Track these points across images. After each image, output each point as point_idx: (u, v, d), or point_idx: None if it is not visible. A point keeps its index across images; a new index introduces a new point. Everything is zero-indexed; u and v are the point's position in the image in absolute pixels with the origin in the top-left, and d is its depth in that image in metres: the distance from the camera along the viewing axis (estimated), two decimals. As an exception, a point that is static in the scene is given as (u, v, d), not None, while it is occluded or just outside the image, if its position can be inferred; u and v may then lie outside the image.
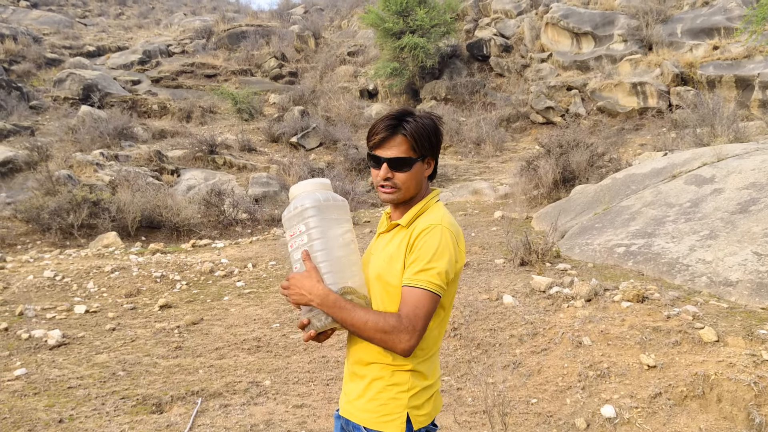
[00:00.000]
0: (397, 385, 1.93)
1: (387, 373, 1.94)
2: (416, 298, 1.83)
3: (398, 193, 1.97)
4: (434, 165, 2.06)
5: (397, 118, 1.96)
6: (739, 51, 17.31)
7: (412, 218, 1.98)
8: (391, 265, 1.93)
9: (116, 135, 17.54)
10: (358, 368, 2.00)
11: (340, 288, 1.87)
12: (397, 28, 21.90)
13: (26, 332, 5.87)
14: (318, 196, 1.94)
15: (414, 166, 1.96)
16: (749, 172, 7.67)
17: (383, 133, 1.95)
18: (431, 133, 1.98)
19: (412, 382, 1.94)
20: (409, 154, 1.94)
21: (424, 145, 1.96)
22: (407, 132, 1.93)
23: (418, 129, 1.95)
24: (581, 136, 12.82)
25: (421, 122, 1.96)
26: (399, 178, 1.95)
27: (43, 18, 30.76)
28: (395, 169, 1.94)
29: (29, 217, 11.26)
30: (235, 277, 8.03)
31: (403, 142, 1.94)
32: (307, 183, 1.99)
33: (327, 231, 1.91)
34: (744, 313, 5.05)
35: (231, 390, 4.67)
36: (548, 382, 4.48)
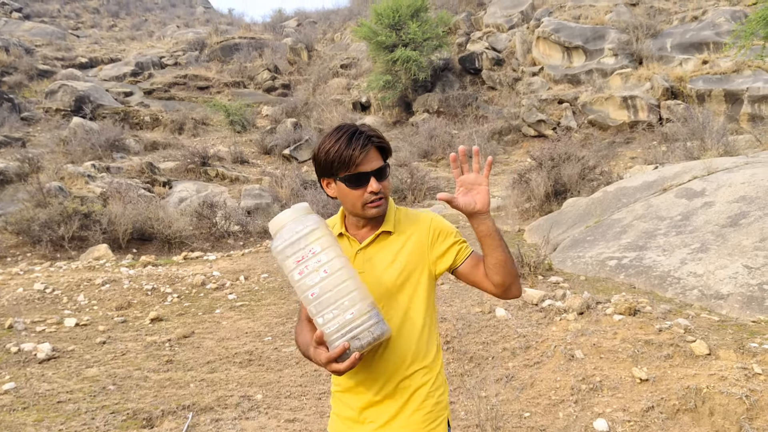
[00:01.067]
0: (438, 388, 2.00)
1: (430, 377, 1.98)
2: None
3: (385, 203, 1.98)
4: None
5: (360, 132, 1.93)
6: (728, 65, 17.51)
7: (395, 222, 2.02)
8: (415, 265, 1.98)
9: (108, 147, 17.49)
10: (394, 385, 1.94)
11: (371, 301, 1.77)
12: (389, 41, 22.03)
13: (15, 346, 5.81)
14: (316, 216, 1.84)
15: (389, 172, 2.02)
16: (739, 186, 7.74)
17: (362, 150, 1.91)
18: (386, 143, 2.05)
19: (441, 380, 2.03)
20: (383, 162, 1.97)
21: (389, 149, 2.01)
22: (375, 143, 1.95)
23: (379, 136, 1.98)
24: (572, 149, 12.89)
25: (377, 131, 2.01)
26: (384, 187, 1.96)
27: (36, 29, 30.75)
28: (380, 178, 1.95)
29: (20, 229, 11.19)
30: (227, 289, 7.99)
31: (375, 150, 1.94)
32: (293, 209, 1.86)
33: (340, 249, 1.82)
34: (735, 326, 5.08)
35: (222, 404, 4.63)
36: (541, 395, 4.47)
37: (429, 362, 1.98)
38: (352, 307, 1.73)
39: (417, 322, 1.97)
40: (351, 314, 1.73)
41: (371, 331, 1.73)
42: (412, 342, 1.96)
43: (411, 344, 1.96)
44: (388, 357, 1.94)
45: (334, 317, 1.74)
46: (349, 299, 1.74)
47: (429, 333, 2.00)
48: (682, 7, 21.94)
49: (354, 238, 2.05)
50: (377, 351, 1.94)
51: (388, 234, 2.01)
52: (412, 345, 1.96)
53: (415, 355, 1.95)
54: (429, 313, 2.00)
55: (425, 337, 1.98)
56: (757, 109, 16.15)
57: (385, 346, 1.94)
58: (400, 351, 1.94)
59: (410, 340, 1.96)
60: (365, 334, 1.73)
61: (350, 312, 1.73)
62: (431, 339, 2.01)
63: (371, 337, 1.73)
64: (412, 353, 1.95)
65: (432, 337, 2.01)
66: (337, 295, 1.74)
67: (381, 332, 1.74)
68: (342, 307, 1.74)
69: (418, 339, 1.97)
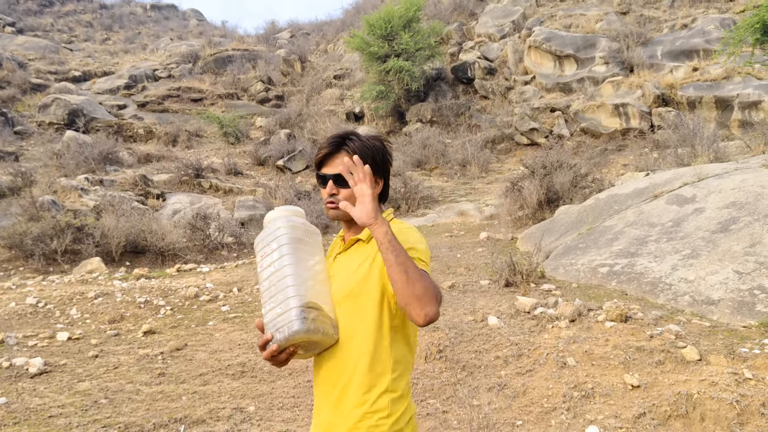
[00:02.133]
0: (378, 412, 1.86)
1: (369, 398, 1.87)
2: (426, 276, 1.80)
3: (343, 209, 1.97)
4: (383, 185, 2.07)
5: (342, 137, 2.00)
6: (718, 72, 17.64)
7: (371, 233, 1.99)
8: (367, 277, 1.91)
9: (101, 160, 17.48)
10: (338, 392, 1.92)
11: (305, 301, 1.83)
12: (382, 51, 22.13)
13: (7, 360, 5.78)
14: (293, 219, 1.96)
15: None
16: (729, 192, 7.78)
17: (327, 149, 1.99)
18: (375, 153, 2.00)
19: (392, 407, 1.88)
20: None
21: (371, 162, 1.96)
22: (349, 149, 1.96)
23: (361, 147, 1.98)
24: (565, 157, 12.96)
25: (365, 142, 2.00)
26: (343, 194, 1.96)
27: (29, 44, 30.77)
28: (339, 184, 1.96)
29: (12, 243, 11.16)
30: (221, 301, 7.98)
31: (345, 154, 1.96)
32: (280, 209, 2.01)
33: (298, 251, 1.91)
34: (726, 332, 5.10)
35: (214, 417, 4.62)
36: (533, 403, 4.48)
37: (373, 381, 1.88)
38: (283, 302, 1.85)
39: (369, 336, 1.90)
40: (280, 308, 1.85)
41: (289, 326, 1.82)
42: (358, 354, 1.89)
43: (356, 356, 1.89)
44: (334, 364, 1.94)
45: (270, 309, 1.88)
46: (282, 294, 1.86)
47: (381, 350, 1.89)
48: (671, 15, 22.12)
49: (343, 242, 2.10)
50: (328, 355, 1.95)
51: (364, 243, 2.00)
52: (357, 357, 1.89)
53: (357, 369, 1.88)
54: (387, 330, 1.91)
55: (376, 353, 1.89)
56: (747, 115, 16.27)
57: (333, 353, 1.94)
58: (345, 361, 1.91)
59: (359, 351, 1.89)
60: (284, 329, 1.83)
61: (280, 306, 1.85)
62: (383, 356, 1.90)
63: (287, 333, 1.82)
64: (356, 366, 1.89)
65: (384, 355, 1.90)
66: (276, 290, 1.88)
67: (296, 330, 1.82)
68: (276, 300, 1.87)
69: (366, 353, 1.88)
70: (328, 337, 1.89)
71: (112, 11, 42.41)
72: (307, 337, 1.83)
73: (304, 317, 1.82)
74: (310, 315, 1.83)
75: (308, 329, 1.82)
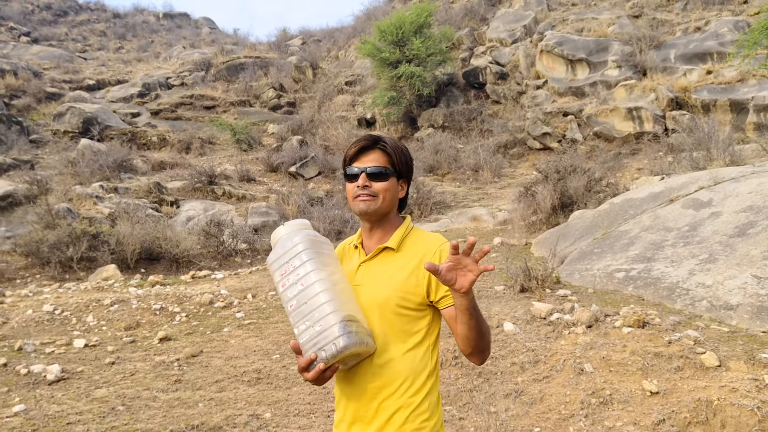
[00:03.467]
0: (421, 414, 1.92)
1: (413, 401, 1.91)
2: None
3: (375, 202, 1.98)
4: (406, 192, 2.11)
5: (375, 137, 2.05)
6: (732, 75, 17.50)
7: (400, 240, 2.01)
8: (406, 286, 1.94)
9: (116, 167, 17.62)
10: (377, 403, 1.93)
11: (344, 315, 1.82)
12: (393, 57, 22.16)
13: (25, 367, 5.83)
14: (306, 232, 1.95)
15: (391, 179, 2.01)
16: (746, 195, 7.71)
17: (363, 143, 2.02)
18: (407, 155, 2.07)
19: (427, 406, 1.93)
20: (387, 166, 2.00)
21: (401, 161, 2.03)
22: (387, 146, 2.02)
23: (397, 147, 2.04)
24: (578, 162, 12.89)
25: (398, 144, 2.06)
26: (377, 187, 1.98)
27: (44, 53, 31.10)
28: (373, 179, 1.98)
29: (29, 251, 11.26)
30: (235, 308, 8.00)
31: (382, 155, 2.01)
32: (289, 224, 2.00)
33: (321, 263, 1.90)
34: (745, 337, 5.04)
35: (231, 423, 4.63)
36: (551, 410, 4.44)
37: (415, 385, 1.92)
38: (321, 320, 1.81)
39: (406, 343, 1.94)
40: (320, 326, 1.81)
41: (335, 343, 1.79)
42: (397, 362, 1.92)
43: (396, 364, 1.92)
44: (372, 373, 1.94)
45: (306, 328, 1.84)
46: (318, 312, 1.82)
47: (420, 356, 1.95)
48: (684, 18, 21.99)
49: (364, 250, 2.09)
50: (362, 366, 1.95)
51: (392, 251, 2.01)
52: (397, 365, 1.92)
53: (398, 376, 1.92)
54: (422, 335, 1.97)
55: (414, 359, 1.94)
56: (762, 118, 16.12)
57: (369, 363, 1.94)
58: (385, 369, 1.93)
59: (396, 359, 1.93)
60: (330, 346, 1.79)
61: (319, 324, 1.81)
62: (422, 362, 1.96)
63: (335, 350, 1.79)
64: (396, 373, 1.92)
65: (423, 361, 1.96)
66: (309, 308, 1.83)
67: (344, 345, 1.79)
68: (312, 319, 1.83)
69: (405, 360, 1.93)
70: (369, 347, 1.89)
71: (125, 20, 42.80)
72: (354, 351, 1.83)
73: (349, 331, 1.81)
74: (353, 328, 1.83)
75: (356, 342, 1.82)
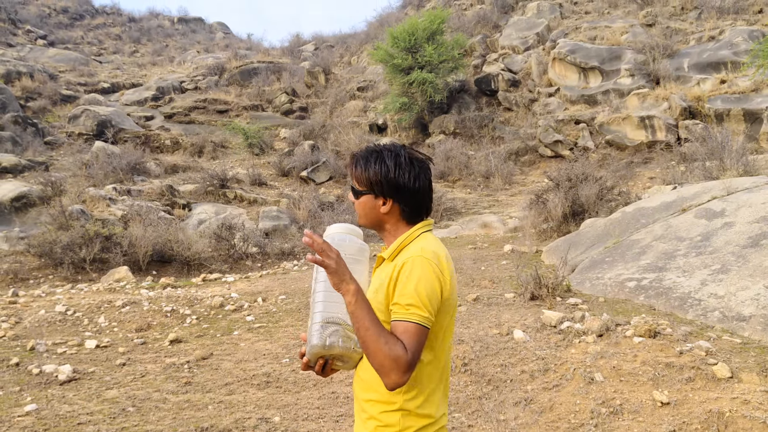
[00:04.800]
0: (389, 427, 1.93)
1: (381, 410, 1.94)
2: (411, 332, 1.83)
3: (359, 217, 2.11)
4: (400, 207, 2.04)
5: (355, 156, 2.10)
6: (746, 85, 17.39)
7: (394, 252, 2.03)
8: (375, 298, 1.97)
9: (129, 170, 17.75)
10: (361, 404, 2.03)
11: (325, 317, 1.94)
12: (405, 64, 22.20)
13: (37, 367, 5.88)
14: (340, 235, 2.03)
15: (362, 197, 2.06)
16: (760, 206, 7.66)
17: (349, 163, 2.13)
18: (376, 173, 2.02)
19: (404, 422, 1.92)
20: (357, 185, 2.08)
21: (362, 181, 2.06)
22: (353, 167, 2.09)
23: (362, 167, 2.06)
24: (590, 170, 12.85)
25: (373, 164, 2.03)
26: (356, 203, 2.09)
27: (60, 56, 31.41)
28: (354, 196, 2.10)
29: (42, 251, 11.36)
30: (245, 311, 8.03)
31: (352, 174, 2.10)
32: (334, 226, 2.09)
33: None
34: (758, 349, 5.00)
35: (240, 426, 4.64)
36: (560, 419, 4.43)
37: (386, 397, 1.93)
38: (311, 320, 2.00)
39: None
40: (309, 323, 2.00)
41: (311, 342, 1.95)
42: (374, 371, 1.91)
43: (374, 373, 1.91)
44: (359, 376, 2.05)
45: (309, 325, 2.01)
46: (313, 311, 1.99)
47: None
48: (698, 27, 21.90)
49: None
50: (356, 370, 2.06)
51: (387, 261, 2.06)
52: (374, 374, 1.91)
53: (376, 385, 1.93)
54: None
55: None
56: (777, 128, 16.00)
57: (361, 366, 2.04)
58: (366, 374, 2.00)
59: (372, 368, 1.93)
60: (310, 345, 1.95)
61: (310, 322, 2.00)
62: None
63: (308, 347, 1.96)
64: (375, 382, 1.93)
65: None
66: (312, 307, 2.01)
67: (313, 344, 1.95)
68: (311, 317, 2.01)
69: None
70: (351, 351, 1.97)
71: (140, 24, 43.15)
72: (325, 351, 1.95)
73: (321, 332, 1.94)
74: (328, 330, 1.93)
75: (323, 344, 1.93)
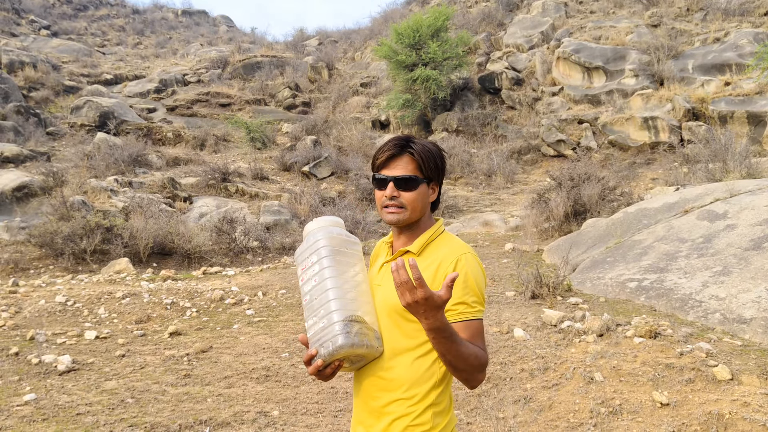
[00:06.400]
0: (422, 425, 1.88)
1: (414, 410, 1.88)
2: (479, 331, 1.85)
3: (404, 213, 1.95)
4: (438, 193, 2.04)
5: (404, 140, 1.98)
6: (750, 87, 17.37)
7: (423, 245, 1.96)
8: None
9: (131, 162, 17.74)
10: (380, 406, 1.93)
11: (347, 315, 1.83)
12: (409, 60, 22.19)
13: (36, 357, 5.88)
14: (332, 230, 1.96)
15: (420, 186, 1.95)
16: (762, 209, 7.64)
17: (391, 151, 1.96)
18: (437, 157, 1.99)
19: (435, 420, 1.89)
20: (416, 173, 1.94)
21: (430, 166, 1.96)
22: (414, 151, 1.95)
23: (425, 150, 1.96)
24: (592, 170, 12.83)
25: (427, 145, 1.99)
26: (405, 197, 1.94)
27: (63, 47, 31.39)
28: (401, 188, 1.94)
29: (43, 242, 11.35)
30: (245, 305, 8.03)
31: (410, 161, 1.95)
32: (320, 219, 2.01)
33: (338, 263, 1.91)
34: (758, 351, 4.99)
35: (239, 420, 4.64)
36: (559, 418, 4.42)
37: (418, 394, 1.88)
38: (326, 316, 1.84)
39: (414, 350, 1.90)
40: (323, 323, 1.84)
41: (333, 341, 1.81)
42: (402, 368, 1.89)
43: (401, 371, 1.89)
44: (378, 376, 1.93)
45: (313, 324, 1.88)
46: (325, 308, 1.85)
47: (427, 365, 1.90)
48: (703, 28, 21.86)
49: (391, 250, 2.08)
50: (371, 368, 1.95)
51: (413, 255, 1.97)
52: (402, 372, 1.89)
53: (403, 383, 1.89)
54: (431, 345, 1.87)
55: (420, 368, 1.89)
56: (780, 132, 15.97)
57: (377, 366, 1.93)
58: (390, 374, 1.91)
59: (403, 365, 1.90)
60: (328, 344, 1.82)
61: (323, 321, 1.84)
62: (428, 372, 1.90)
63: (332, 348, 1.81)
64: (401, 379, 1.89)
65: (429, 371, 1.90)
66: (318, 304, 1.87)
67: (340, 344, 1.81)
68: (319, 315, 1.86)
69: (411, 367, 1.89)
70: (372, 349, 1.88)
71: (144, 16, 43.15)
72: (351, 351, 1.84)
73: (347, 331, 1.82)
74: (354, 329, 1.83)
75: (353, 343, 1.82)
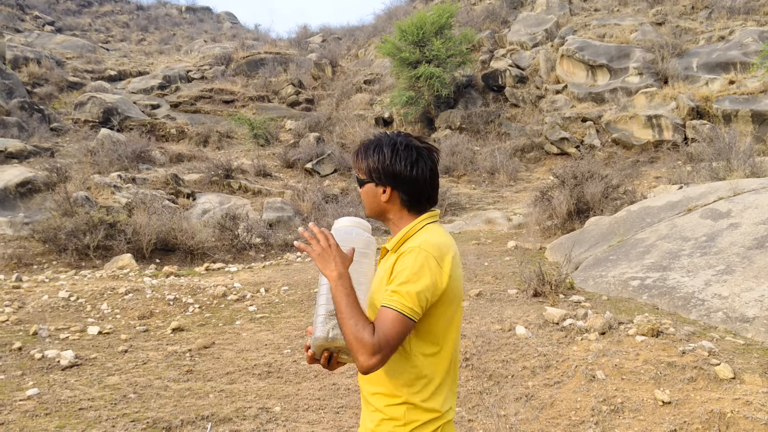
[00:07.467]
0: (393, 420, 1.91)
1: (386, 404, 1.93)
2: (388, 319, 1.81)
3: (365, 207, 2.11)
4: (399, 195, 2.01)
5: (359, 148, 2.09)
6: (755, 86, 17.31)
7: (397, 243, 1.99)
8: (379, 289, 1.96)
9: (134, 158, 17.77)
10: (367, 397, 2.02)
11: (329, 309, 1.92)
12: (413, 57, 22.15)
13: (39, 352, 5.90)
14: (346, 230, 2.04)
15: (365, 186, 2.05)
16: (766, 207, 7.62)
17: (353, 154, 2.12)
18: (375, 161, 2.00)
19: (409, 416, 1.90)
20: (360, 174, 2.07)
21: (364, 171, 2.05)
22: (355, 156, 2.08)
23: (359, 153, 2.07)
24: (596, 168, 12.81)
25: (369, 148, 2.04)
26: (360, 194, 2.09)
27: (67, 43, 31.42)
28: (358, 185, 2.10)
29: (46, 237, 11.38)
30: (248, 301, 8.04)
31: (355, 164, 2.09)
32: (341, 220, 2.09)
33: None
34: (761, 350, 4.98)
35: (241, 416, 4.65)
36: (561, 416, 4.42)
37: (392, 390, 1.91)
38: (315, 312, 1.99)
39: None
40: (314, 316, 1.99)
41: (313, 334, 1.95)
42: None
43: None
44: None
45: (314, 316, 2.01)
46: (316, 305, 2.00)
47: (398, 362, 1.90)
48: (708, 26, 21.78)
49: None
50: None
51: (390, 252, 2.04)
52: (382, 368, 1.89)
53: (381, 378, 1.94)
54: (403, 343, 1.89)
55: (393, 364, 1.90)
56: (785, 130, 15.92)
57: None
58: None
59: None
60: (314, 338, 1.95)
61: (315, 315, 1.99)
62: (398, 367, 1.92)
63: (313, 340, 1.95)
64: (378, 374, 1.93)
65: (401, 368, 1.92)
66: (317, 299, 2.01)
67: (316, 337, 1.94)
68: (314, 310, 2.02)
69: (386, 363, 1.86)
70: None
71: (148, 12, 43.15)
72: (328, 344, 1.93)
73: (323, 326, 1.93)
74: (330, 323, 1.92)
75: (326, 337, 1.91)
